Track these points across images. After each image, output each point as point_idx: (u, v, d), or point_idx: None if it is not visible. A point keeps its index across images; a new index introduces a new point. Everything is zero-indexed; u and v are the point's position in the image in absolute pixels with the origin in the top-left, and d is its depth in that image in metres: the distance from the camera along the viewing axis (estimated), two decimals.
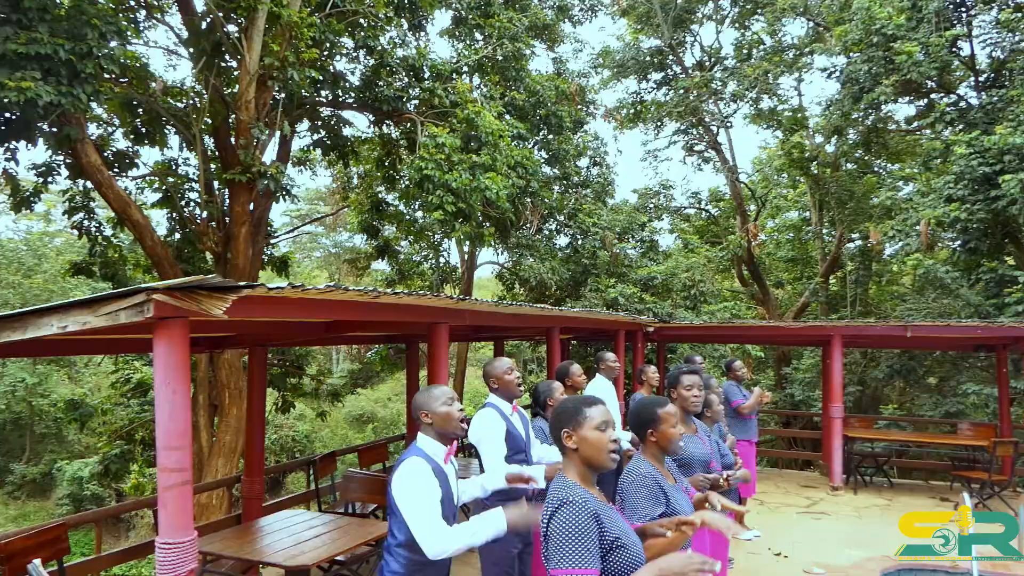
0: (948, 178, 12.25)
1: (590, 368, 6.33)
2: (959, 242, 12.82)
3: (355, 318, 3.91)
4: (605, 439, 2.28)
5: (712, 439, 4.36)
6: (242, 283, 2.81)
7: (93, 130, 10.84)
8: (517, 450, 3.87)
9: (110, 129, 11.00)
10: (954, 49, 13.65)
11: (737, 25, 20.42)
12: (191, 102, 10.68)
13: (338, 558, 4.49)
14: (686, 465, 3.70)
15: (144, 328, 2.94)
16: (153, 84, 10.28)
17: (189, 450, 2.84)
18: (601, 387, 5.88)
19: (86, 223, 11.07)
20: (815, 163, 18.71)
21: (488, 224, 11.02)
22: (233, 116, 9.87)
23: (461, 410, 3.02)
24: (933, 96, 15.09)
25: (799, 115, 20.03)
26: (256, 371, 5.53)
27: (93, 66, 7.40)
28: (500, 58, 12.51)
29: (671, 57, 20.71)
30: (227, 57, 10.06)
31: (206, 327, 4.33)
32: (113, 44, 7.85)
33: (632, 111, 21.56)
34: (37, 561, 3.23)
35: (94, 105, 10.56)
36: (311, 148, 12.28)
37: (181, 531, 2.82)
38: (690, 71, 20.56)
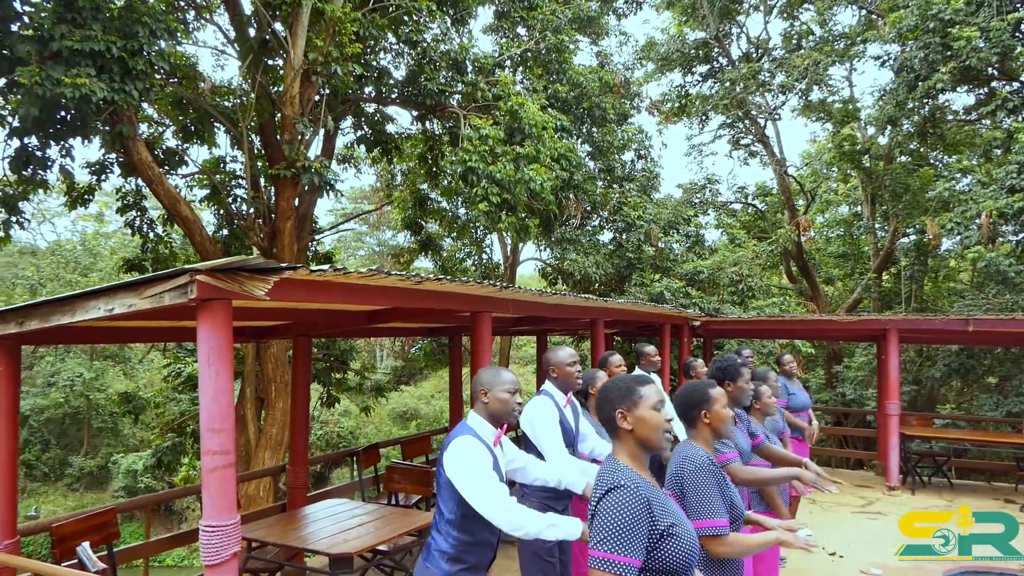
0: (1011, 168, 11.75)
1: (634, 365, 6.19)
2: (1023, 235, 12.29)
3: (397, 305, 3.87)
4: (661, 419, 2.20)
5: (755, 429, 4.22)
6: (284, 264, 2.79)
7: (144, 129, 11.12)
8: (566, 443, 3.78)
9: (160, 128, 11.27)
10: (1017, 34, 13.06)
11: (785, 15, 19.94)
12: (238, 100, 10.85)
13: (381, 548, 4.46)
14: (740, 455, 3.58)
15: (190, 312, 2.94)
16: (202, 84, 10.49)
17: (232, 432, 2.82)
18: None
19: (138, 221, 11.37)
20: (867, 156, 18.15)
21: (532, 217, 10.95)
22: (278, 113, 10.00)
23: (520, 403, 2.99)
24: (994, 84, 14.49)
25: (850, 106, 19.47)
26: (300, 361, 5.55)
27: (144, 63, 7.55)
28: (543, 51, 12.41)
29: (717, 49, 20.32)
30: (273, 55, 10.20)
31: (251, 315, 4.34)
32: (163, 42, 8.01)
33: (677, 105, 21.21)
34: (86, 544, 3.27)
35: (145, 105, 10.90)
36: (355, 144, 12.36)
37: (225, 514, 2.80)
38: (737, 63, 20.13)
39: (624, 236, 14.30)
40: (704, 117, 21.36)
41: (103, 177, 9.96)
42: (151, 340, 5.90)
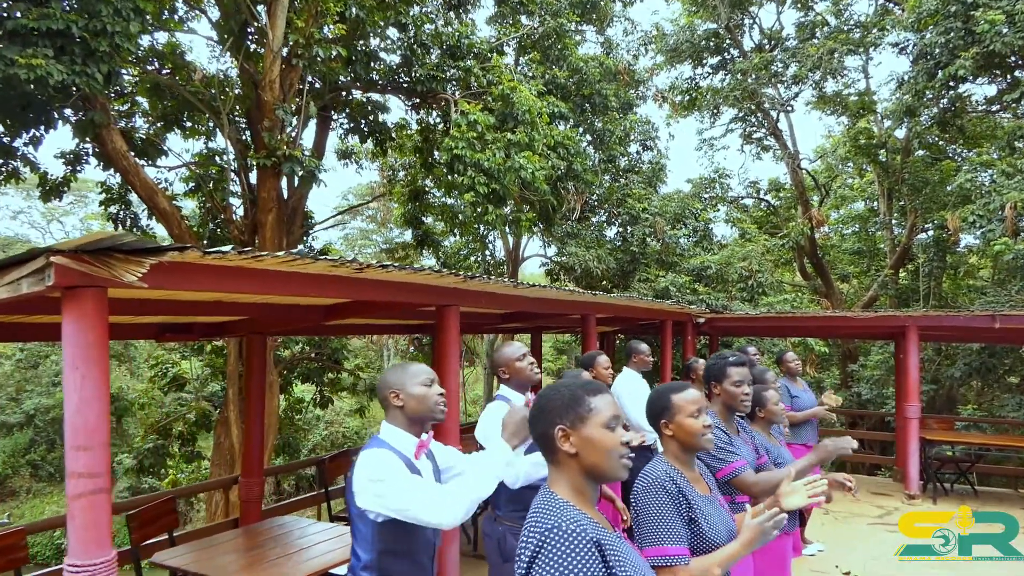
0: None
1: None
2: None
3: (340, 297, 3.35)
4: (615, 440, 1.65)
5: (761, 442, 3.66)
6: (167, 244, 2.28)
7: (141, 124, 10.70)
8: (534, 447, 3.23)
9: (152, 119, 10.83)
10: None
11: (799, 5, 19.26)
12: (223, 87, 10.41)
13: (335, 572, 3.95)
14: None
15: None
16: (194, 75, 10.05)
17: (105, 451, 2.31)
18: (632, 382, 5.16)
19: (121, 214, 10.97)
20: (884, 150, 17.49)
21: (527, 209, 10.40)
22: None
23: (441, 393, 2.46)
24: (1018, 73, 13.84)
25: (866, 98, 18.78)
26: (255, 362, 5.05)
27: (108, 44, 7.07)
28: (542, 34, 11.83)
29: (728, 40, 19.68)
30: (256, 39, 9.73)
31: (178, 309, 3.83)
32: (132, 23, 7.52)
33: (687, 98, 20.60)
34: None
35: (141, 99, 10.48)
36: (347, 134, 11.87)
37: (95, 550, 2.29)
38: (748, 54, 19.48)
39: (628, 230, 13.71)
40: (715, 110, 20.73)
41: (78, 168, 9.52)
42: (36, 339, 5.33)
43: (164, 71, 10.30)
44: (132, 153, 9.49)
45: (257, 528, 4.40)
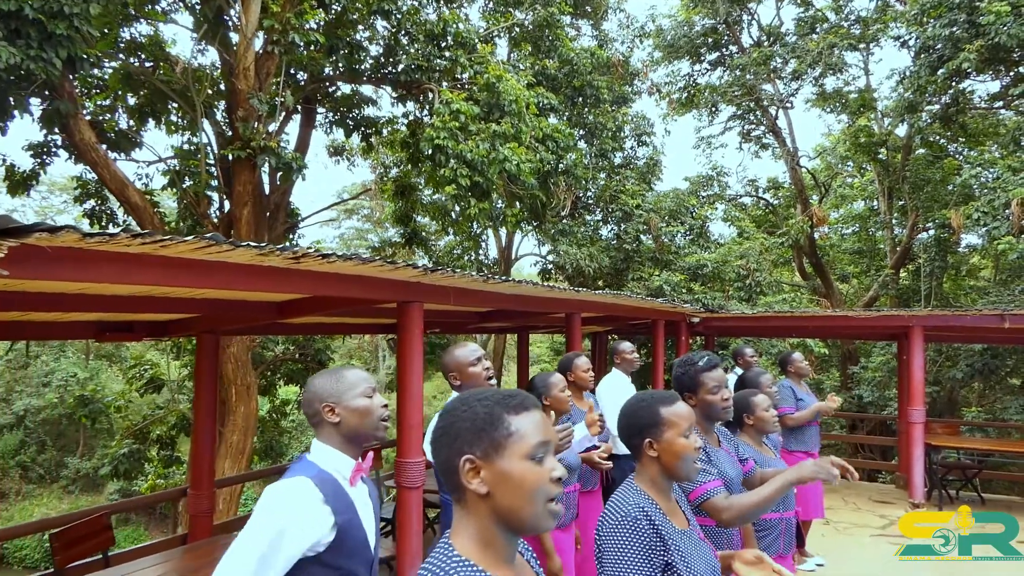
0: None
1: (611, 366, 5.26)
2: None
3: (266, 291, 2.97)
4: (543, 476, 1.22)
5: (750, 453, 3.27)
6: (34, 224, 1.89)
7: (117, 116, 10.35)
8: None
9: (127, 111, 10.47)
10: None
11: (799, 1, 18.93)
12: (198, 77, 10.05)
13: None
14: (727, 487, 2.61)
15: None
16: (175, 67, 9.71)
17: None
18: (619, 385, 4.77)
19: (97, 209, 10.61)
20: (884, 148, 17.16)
21: (519, 205, 10.00)
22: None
23: (385, 405, 2.04)
24: (1022, 68, 13.52)
25: (866, 96, 18.44)
26: (204, 364, 4.66)
27: (66, 27, 6.69)
28: (532, 25, 11.44)
29: (727, 36, 19.34)
30: (235, 25, 9.38)
31: (115, 305, 3.45)
32: (93, 6, 7.14)
33: (684, 95, 20.26)
34: None
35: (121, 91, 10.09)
36: (331, 127, 11.49)
37: None
38: (747, 50, 19.14)
39: (622, 227, 13.31)
40: (713, 108, 20.38)
41: (47, 160, 9.13)
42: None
43: (146, 63, 9.97)
44: (104, 146, 9.14)
45: (201, 546, 4.00)
